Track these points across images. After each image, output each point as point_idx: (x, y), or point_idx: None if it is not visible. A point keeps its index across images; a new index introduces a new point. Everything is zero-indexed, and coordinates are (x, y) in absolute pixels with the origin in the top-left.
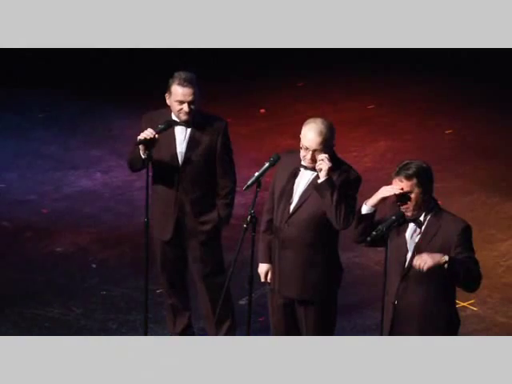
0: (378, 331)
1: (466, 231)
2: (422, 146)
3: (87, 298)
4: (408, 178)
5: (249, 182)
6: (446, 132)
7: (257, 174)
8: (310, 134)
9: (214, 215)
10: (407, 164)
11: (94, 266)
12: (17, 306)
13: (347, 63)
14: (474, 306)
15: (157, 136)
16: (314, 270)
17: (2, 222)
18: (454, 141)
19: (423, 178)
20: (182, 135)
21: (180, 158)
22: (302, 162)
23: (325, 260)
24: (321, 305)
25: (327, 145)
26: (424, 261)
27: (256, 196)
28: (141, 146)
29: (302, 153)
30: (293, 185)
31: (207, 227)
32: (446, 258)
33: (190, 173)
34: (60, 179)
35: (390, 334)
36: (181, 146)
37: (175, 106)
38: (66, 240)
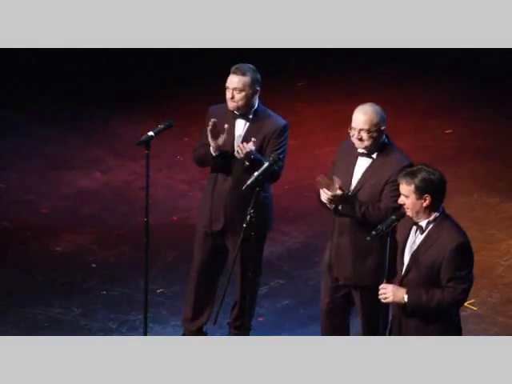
0: (378, 331)
1: (460, 248)
2: (422, 146)
3: (87, 298)
4: (408, 183)
5: (248, 182)
6: (446, 132)
7: (256, 173)
8: (356, 114)
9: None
10: (416, 170)
11: (94, 265)
12: (17, 306)
13: (347, 63)
14: (474, 306)
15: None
16: (371, 256)
17: (2, 221)
18: (454, 141)
19: (426, 187)
20: (240, 129)
21: (234, 150)
22: (359, 150)
23: (380, 246)
24: (376, 290)
25: (373, 126)
26: (386, 294)
27: (256, 196)
28: (212, 144)
29: (351, 132)
30: (351, 172)
31: (246, 225)
32: (406, 299)
33: (241, 168)
34: (59, 179)
35: (390, 334)
36: (238, 140)
37: (226, 94)
38: (65, 240)
